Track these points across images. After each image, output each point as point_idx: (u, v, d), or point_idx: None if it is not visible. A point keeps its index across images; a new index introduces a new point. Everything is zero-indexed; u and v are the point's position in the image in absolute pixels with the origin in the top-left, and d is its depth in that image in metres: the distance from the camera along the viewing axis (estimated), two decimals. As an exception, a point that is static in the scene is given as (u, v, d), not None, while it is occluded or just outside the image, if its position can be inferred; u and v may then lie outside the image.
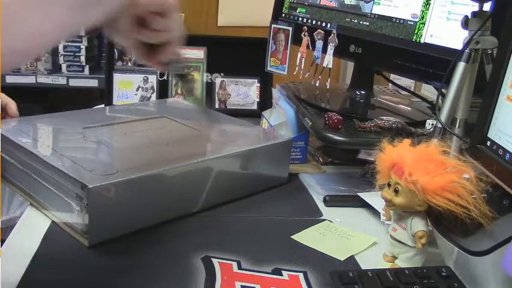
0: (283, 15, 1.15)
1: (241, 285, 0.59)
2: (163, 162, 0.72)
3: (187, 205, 0.75)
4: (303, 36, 1.04)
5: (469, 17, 0.73)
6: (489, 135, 0.62)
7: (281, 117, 1.04)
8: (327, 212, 0.81)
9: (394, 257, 0.66)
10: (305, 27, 1.04)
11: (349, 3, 1.02)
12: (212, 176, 0.77)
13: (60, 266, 0.60)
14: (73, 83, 1.76)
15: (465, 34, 0.74)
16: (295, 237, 0.71)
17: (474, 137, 0.65)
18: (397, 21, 0.93)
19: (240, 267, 0.63)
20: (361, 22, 0.99)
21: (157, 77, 1.29)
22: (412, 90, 1.39)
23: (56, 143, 0.75)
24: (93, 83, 1.77)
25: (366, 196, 0.80)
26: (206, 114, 1.03)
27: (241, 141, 0.85)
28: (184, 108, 1.07)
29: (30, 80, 1.74)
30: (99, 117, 0.92)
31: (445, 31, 0.85)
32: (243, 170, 0.81)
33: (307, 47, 1.03)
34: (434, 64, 0.85)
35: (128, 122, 0.92)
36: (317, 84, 1.02)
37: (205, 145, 0.82)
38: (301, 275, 0.62)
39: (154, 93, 1.29)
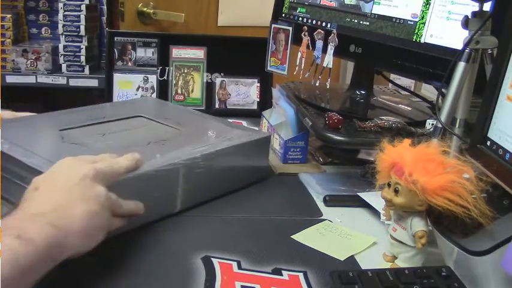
0: (283, 15, 1.15)
1: (241, 285, 0.59)
2: (147, 162, 0.71)
3: (165, 206, 0.74)
4: (303, 36, 1.04)
5: (469, 17, 0.73)
6: (489, 135, 0.62)
7: (281, 117, 1.04)
8: (327, 212, 0.81)
9: (394, 257, 0.66)
10: (305, 27, 1.04)
11: (349, 3, 1.02)
12: (188, 176, 0.75)
13: (59, 266, 0.60)
14: (73, 83, 1.75)
15: (465, 34, 0.74)
16: (295, 237, 0.71)
17: (474, 137, 0.65)
18: (397, 21, 0.93)
19: (240, 267, 0.63)
20: (361, 22, 0.99)
21: (157, 77, 1.29)
22: (412, 90, 1.39)
23: (33, 145, 0.73)
24: (93, 83, 1.77)
25: (366, 196, 0.80)
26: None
27: (217, 139, 0.84)
28: (158, 107, 1.06)
29: (30, 80, 1.73)
30: (75, 118, 0.90)
31: (445, 31, 0.85)
32: (221, 167, 0.80)
33: (307, 46, 1.04)
34: (434, 64, 0.85)
35: (105, 122, 0.90)
36: (317, 84, 1.02)
37: (182, 144, 0.80)
38: (301, 275, 0.62)
39: (155, 93, 1.29)
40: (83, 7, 1.72)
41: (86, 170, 0.60)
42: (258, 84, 1.31)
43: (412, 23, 0.90)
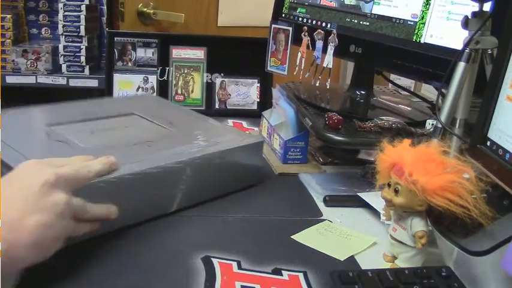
0: (283, 15, 1.15)
1: (241, 285, 0.59)
2: (128, 164, 0.69)
3: (158, 207, 0.73)
4: (303, 36, 1.04)
5: (469, 17, 0.73)
6: (489, 135, 0.62)
7: (281, 117, 1.04)
8: (327, 212, 0.81)
9: (394, 257, 0.66)
10: (305, 27, 1.04)
11: (349, 3, 1.02)
12: (181, 178, 0.74)
13: (58, 266, 0.60)
14: (73, 83, 1.76)
15: (465, 34, 0.74)
16: (295, 237, 0.71)
17: (474, 137, 0.65)
18: (397, 21, 0.93)
19: (240, 267, 0.63)
20: (361, 22, 0.99)
21: (157, 77, 1.29)
22: (412, 90, 1.39)
23: (15, 140, 0.70)
24: (93, 83, 1.77)
25: (366, 196, 0.80)
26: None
27: (204, 143, 0.81)
28: (153, 105, 1.04)
29: (30, 80, 1.74)
30: (65, 114, 0.88)
31: (445, 31, 0.86)
32: (207, 173, 0.78)
33: (307, 47, 1.04)
34: (434, 64, 0.85)
35: (96, 119, 0.88)
36: (317, 84, 1.02)
37: (172, 146, 0.78)
38: (301, 275, 0.62)
39: (155, 93, 1.29)
40: (83, 7, 1.72)
41: (46, 176, 0.58)
42: (258, 85, 1.31)
43: (412, 23, 0.90)
